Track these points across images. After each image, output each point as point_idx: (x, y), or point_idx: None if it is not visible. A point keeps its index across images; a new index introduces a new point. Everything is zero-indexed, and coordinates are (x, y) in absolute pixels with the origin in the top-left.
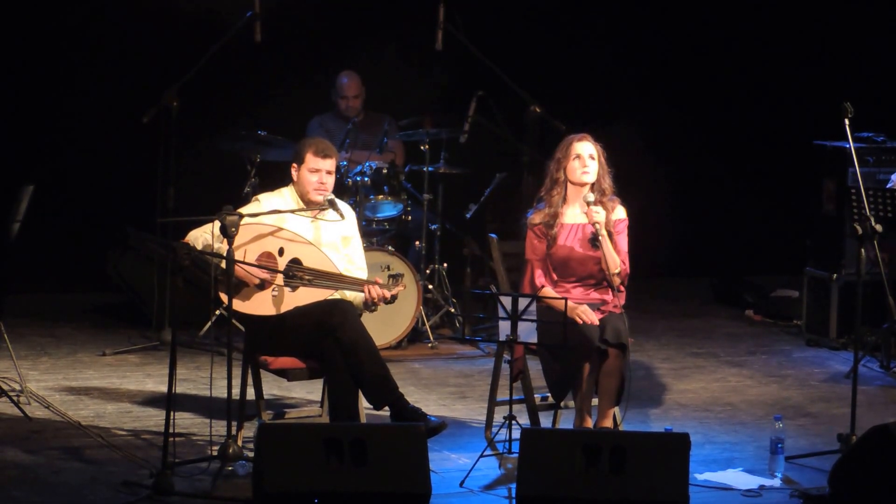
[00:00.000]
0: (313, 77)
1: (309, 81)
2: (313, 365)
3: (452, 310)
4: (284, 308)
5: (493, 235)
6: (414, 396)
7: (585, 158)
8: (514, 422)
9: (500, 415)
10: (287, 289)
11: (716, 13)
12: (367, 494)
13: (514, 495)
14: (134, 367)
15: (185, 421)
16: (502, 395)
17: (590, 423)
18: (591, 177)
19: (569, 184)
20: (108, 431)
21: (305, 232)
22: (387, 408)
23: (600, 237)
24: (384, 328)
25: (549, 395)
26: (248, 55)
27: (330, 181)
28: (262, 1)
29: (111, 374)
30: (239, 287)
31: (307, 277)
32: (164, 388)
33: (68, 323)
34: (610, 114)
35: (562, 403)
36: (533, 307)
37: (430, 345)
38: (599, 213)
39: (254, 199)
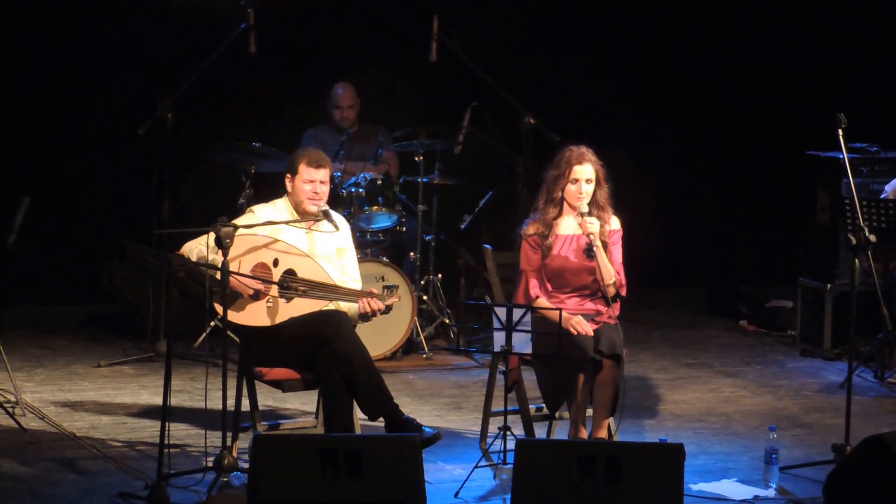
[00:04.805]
0: (308, 88)
1: (303, 93)
2: (308, 376)
3: (447, 320)
4: (279, 319)
5: (487, 246)
6: (409, 407)
7: (582, 183)
8: (508, 432)
9: (494, 425)
10: (282, 300)
11: (710, 24)
12: None
13: None
14: (129, 378)
15: (180, 432)
16: (497, 405)
17: (584, 433)
18: (586, 201)
19: (565, 202)
20: (103, 443)
21: (300, 243)
22: (381, 419)
23: (595, 248)
24: (379, 339)
25: (543, 405)
26: (242, 67)
27: (324, 191)
28: (256, 13)
29: (106, 386)
30: (234, 298)
31: (302, 288)
32: (159, 400)
33: (63, 334)
34: (603, 124)
35: (556, 414)
36: (527, 318)
37: (424, 355)
38: (594, 224)
39: (248, 210)
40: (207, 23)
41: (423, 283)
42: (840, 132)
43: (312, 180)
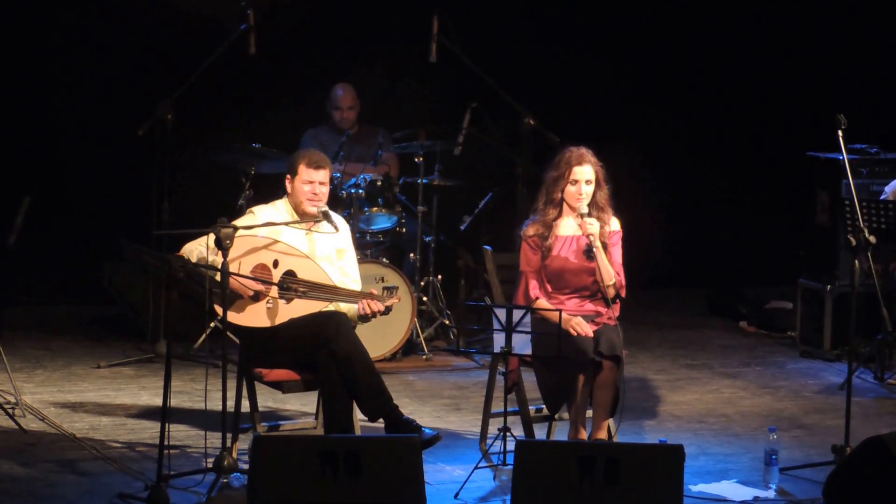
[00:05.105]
0: (307, 89)
1: (303, 94)
2: (308, 377)
3: (447, 322)
4: (279, 320)
5: (487, 247)
6: (408, 408)
7: (582, 184)
8: (508, 433)
9: (494, 426)
10: (282, 301)
11: (710, 25)
12: None
13: None
14: (129, 379)
15: (180, 433)
16: (497, 406)
17: (584, 434)
18: (586, 202)
19: (564, 202)
20: (103, 444)
21: (300, 244)
22: (381, 420)
23: (595, 249)
24: (379, 340)
25: (543, 406)
26: (242, 68)
27: (323, 192)
28: (256, 14)
29: (106, 387)
30: (233, 299)
31: (301, 289)
32: (158, 401)
33: (63, 335)
34: (604, 125)
35: (556, 415)
36: (527, 319)
37: (424, 357)
38: (593, 225)
39: (248, 211)
40: (207, 24)
41: (422, 284)
42: (840, 133)
43: (312, 181)
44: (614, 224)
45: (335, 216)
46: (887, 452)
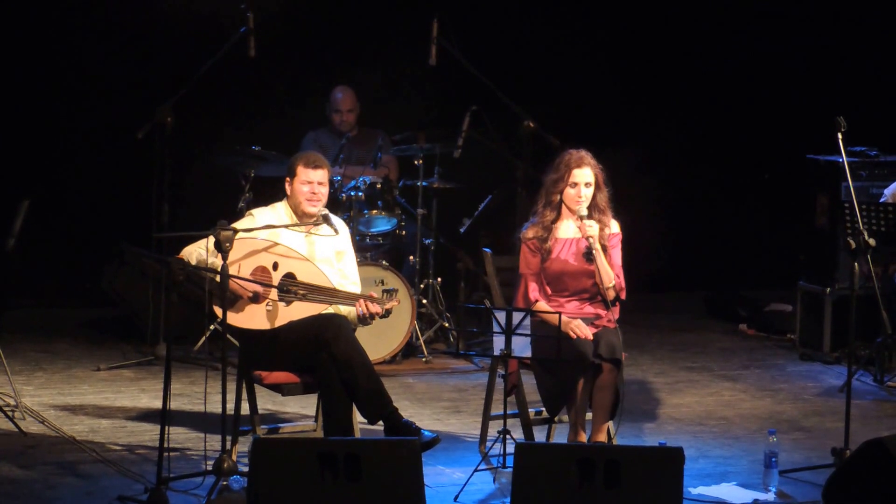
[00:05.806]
0: (307, 92)
1: (303, 97)
2: (308, 379)
3: (446, 324)
4: (279, 323)
5: (487, 250)
6: (408, 411)
7: (581, 187)
8: (508, 436)
9: (494, 429)
10: (281, 303)
11: (709, 29)
12: None
13: None
14: (128, 382)
15: (180, 436)
16: (496, 409)
17: (584, 437)
18: (585, 204)
19: (564, 205)
20: (103, 446)
21: (299, 247)
22: (381, 422)
23: (594, 251)
24: (378, 343)
25: (543, 409)
26: (242, 71)
27: (322, 192)
28: (255, 17)
29: (106, 389)
30: (233, 302)
31: (301, 292)
32: (158, 403)
33: (63, 338)
34: (604, 128)
35: (556, 418)
36: (527, 322)
37: (424, 359)
38: (593, 227)
39: (247, 213)
40: (207, 26)
41: (422, 286)
42: (840, 136)
43: (310, 181)
44: (614, 226)
45: (335, 219)
46: (887, 455)
